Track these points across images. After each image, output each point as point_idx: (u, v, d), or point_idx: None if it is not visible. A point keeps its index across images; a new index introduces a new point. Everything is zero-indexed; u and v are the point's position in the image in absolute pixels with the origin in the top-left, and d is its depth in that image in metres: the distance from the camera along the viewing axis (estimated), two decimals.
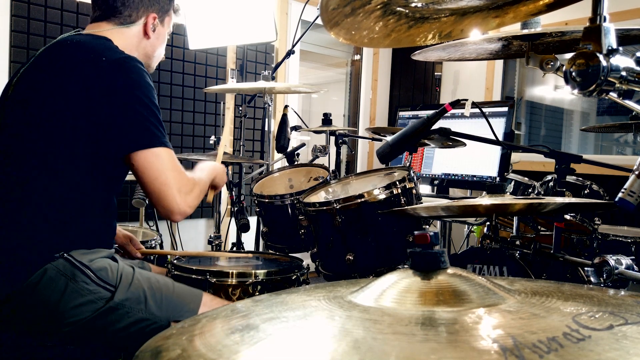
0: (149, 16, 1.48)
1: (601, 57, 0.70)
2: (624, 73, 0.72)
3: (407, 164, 1.96)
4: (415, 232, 0.64)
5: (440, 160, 2.91)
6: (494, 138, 1.61)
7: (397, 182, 1.63)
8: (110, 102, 1.27)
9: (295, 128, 2.76)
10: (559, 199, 1.29)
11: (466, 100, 1.87)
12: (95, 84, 1.27)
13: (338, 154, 2.62)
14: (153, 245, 2.08)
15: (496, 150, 2.59)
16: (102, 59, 1.29)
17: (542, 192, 2.06)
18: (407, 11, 0.97)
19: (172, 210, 1.32)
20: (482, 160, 2.66)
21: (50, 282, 1.23)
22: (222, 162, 2.36)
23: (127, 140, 1.29)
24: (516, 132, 4.16)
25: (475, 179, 2.70)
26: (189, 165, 1.65)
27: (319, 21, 1.00)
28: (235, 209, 2.48)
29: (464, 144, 1.80)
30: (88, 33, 1.43)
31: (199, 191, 1.42)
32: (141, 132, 1.29)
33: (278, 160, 2.92)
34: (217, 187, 1.63)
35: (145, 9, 1.48)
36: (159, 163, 1.29)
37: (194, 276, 1.56)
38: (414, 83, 4.80)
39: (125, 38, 1.46)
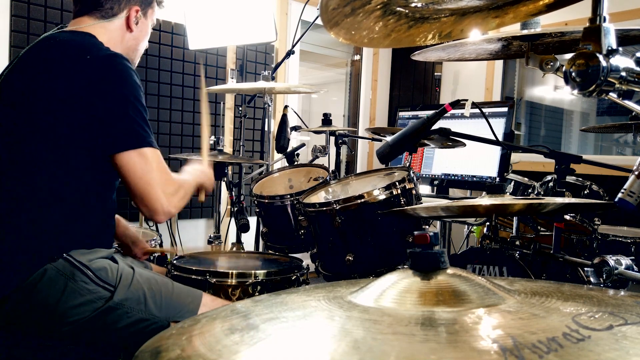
0: (132, 9, 1.46)
1: (601, 58, 0.70)
2: (623, 73, 0.72)
3: (407, 164, 1.96)
4: (415, 233, 0.64)
5: (440, 161, 2.91)
6: (493, 138, 1.61)
7: (397, 183, 1.63)
8: (96, 101, 1.27)
9: (295, 128, 2.76)
10: (559, 199, 1.29)
11: (466, 100, 1.87)
12: (81, 82, 1.26)
13: (338, 154, 2.62)
14: (153, 245, 2.08)
15: (496, 151, 2.59)
16: (86, 57, 1.28)
17: (542, 193, 2.06)
18: (407, 11, 0.97)
19: (157, 210, 1.31)
20: (481, 161, 2.66)
21: (50, 282, 1.23)
22: (222, 163, 2.37)
23: (112, 140, 1.28)
24: (516, 132, 4.16)
25: (475, 179, 2.70)
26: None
27: (319, 21, 1.00)
28: (235, 209, 2.48)
29: (464, 144, 1.80)
30: (71, 30, 1.42)
31: (184, 193, 1.40)
32: (127, 132, 1.28)
33: (278, 161, 2.92)
34: (206, 188, 1.61)
35: (127, 2, 1.45)
36: (144, 163, 1.29)
37: (193, 276, 1.56)
38: (413, 83, 4.80)
39: (108, 33, 1.43)
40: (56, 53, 1.31)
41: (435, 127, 1.49)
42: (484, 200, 1.37)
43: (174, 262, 1.68)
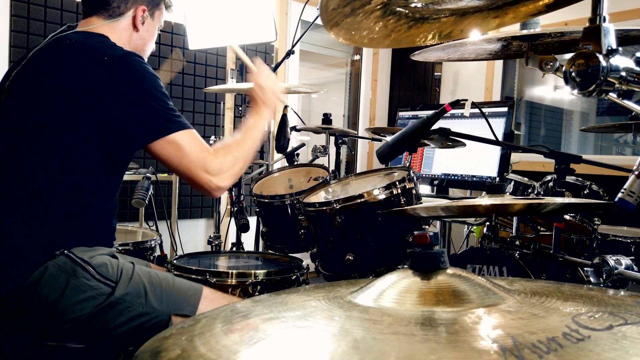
0: (138, 8, 1.48)
1: (601, 58, 0.70)
2: (623, 73, 0.72)
3: (407, 164, 1.96)
4: (415, 232, 0.64)
5: (440, 161, 2.91)
6: (493, 138, 1.61)
7: (397, 183, 1.63)
8: (117, 100, 1.28)
9: (295, 128, 2.76)
10: (559, 199, 1.29)
11: (466, 100, 1.87)
12: (100, 83, 1.28)
13: (338, 154, 2.62)
14: (153, 245, 2.08)
15: (496, 151, 2.59)
16: (104, 58, 1.30)
17: (542, 192, 2.06)
18: (406, 11, 0.98)
19: (208, 191, 1.35)
20: (481, 161, 2.67)
21: (52, 279, 1.23)
22: None
23: (141, 133, 1.31)
24: (516, 132, 4.16)
25: (475, 179, 2.70)
26: None
27: (319, 21, 1.00)
28: (235, 209, 2.48)
29: (464, 144, 1.80)
30: (82, 31, 1.43)
31: (233, 159, 1.40)
32: (152, 122, 1.30)
33: (278, 160, 2.92)
34: (274, 105, 1.59)
35: (134, 1, 1.47)
36: (176, 149, 1.31)
37: (193, 276, 1.56)
38: (413, 83, 4.80)
39: (117, 33, 1.45)
40: (72, 54, 1.33)
41: (435, 127, 1.49)
42: (484, 200, 1.37)
43: (174, 261, 1.68)
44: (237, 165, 1.41)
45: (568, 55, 0.74)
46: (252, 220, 2.44)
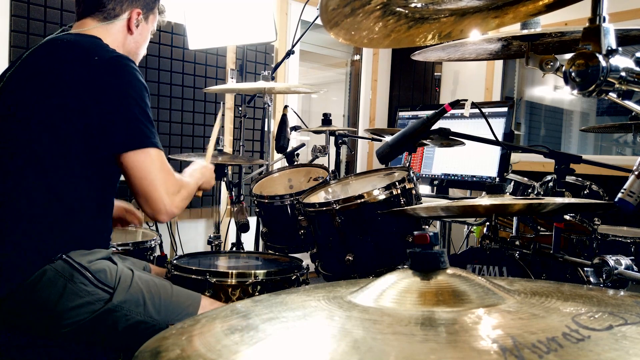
0: (133, 11, 1.47)
1: (601, 58, 0.70)
2: (623, 73, 0.72)
3: (407, 164, 1.96)
4: (415, 233, 0.64)
5: (440, 161, 2.91)
6: (493, 138, 1.61)
7: (397, 183, 1.63)
8: (102, 102, 1.27)
9: (295, 128, 2.76)
10: (559, 199, 1.29)
11: (466, 100, 1.87)
12: (88, 83, 1.27)
13: (338, 154, 2.62)
14: (152, 245, 2.08)
15: (496, 151, 2.59)
16: (94, 58, 1.29)
17: (542, 193, 2.06)
18: (406, 11, 0.98)
19: (159, 210, 1.32)
20: (481, 161, 2.66)
21: (49, 283, 1.23)
22: (223, 164, 2.37)
23: (117, 140, 1.29)
24: (516, 132, 4.16)
25: (474, 179, 2.70)
26: (185, 165, 1.65)
27: (319, 21, 1.00)
28: (235, 209, 2.48)
29: (463, 143, 1.81)
30: (76, 32, 1.42)
31: (186, 193, 1.42)
32: (132, 132, 1.29)
33: (278, 161, 2.92)
34: (204, 189, 1.62)
35: (130, 4, 1.47)
36: (148, 163, 1.29)
37: (193, 276, 1.56)
38: (413, 83, 4.80)
39: (111, 35, 1.45)
40: (62, 54, 1.32)
41: (435, 127, 1.49)
42: (484, 200, 1.37)
43: (174, 261, 1.68)
44: (186, 200, 1.41)
45: (568, 55, 0.74)
46: (252, 220, 2.44)
